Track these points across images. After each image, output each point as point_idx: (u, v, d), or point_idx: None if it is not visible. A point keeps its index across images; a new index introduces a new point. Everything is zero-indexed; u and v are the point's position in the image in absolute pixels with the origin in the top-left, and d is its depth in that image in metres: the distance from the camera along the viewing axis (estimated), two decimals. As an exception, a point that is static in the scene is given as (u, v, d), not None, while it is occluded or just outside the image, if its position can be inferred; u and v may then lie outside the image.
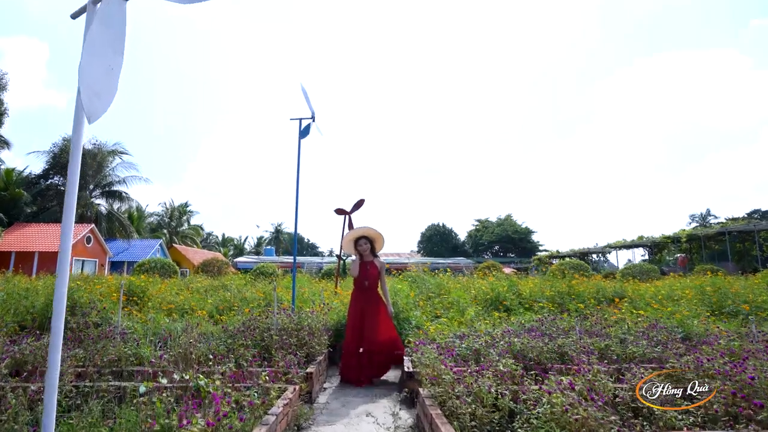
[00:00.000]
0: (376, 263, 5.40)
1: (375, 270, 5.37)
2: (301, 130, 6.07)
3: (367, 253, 5.38)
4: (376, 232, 5.44)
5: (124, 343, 4.69)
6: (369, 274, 5.30)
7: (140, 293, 7.74)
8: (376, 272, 5.37)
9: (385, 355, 5.09)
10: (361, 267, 5.32)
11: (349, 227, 7.13)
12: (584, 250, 39.27)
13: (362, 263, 5.34)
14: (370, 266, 5.35)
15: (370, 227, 5.42)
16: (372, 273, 5.33)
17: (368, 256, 5.40)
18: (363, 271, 5.30)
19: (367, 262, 5.36)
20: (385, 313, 5.30)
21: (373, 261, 5.38)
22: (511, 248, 59.70)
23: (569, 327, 5.60)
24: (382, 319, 5.22)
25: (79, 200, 31.57)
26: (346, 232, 5.46)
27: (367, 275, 5.29)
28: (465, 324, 6.23)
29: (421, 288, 9.13)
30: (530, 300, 8.11)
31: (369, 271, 5.31)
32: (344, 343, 5.18)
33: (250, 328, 5.18)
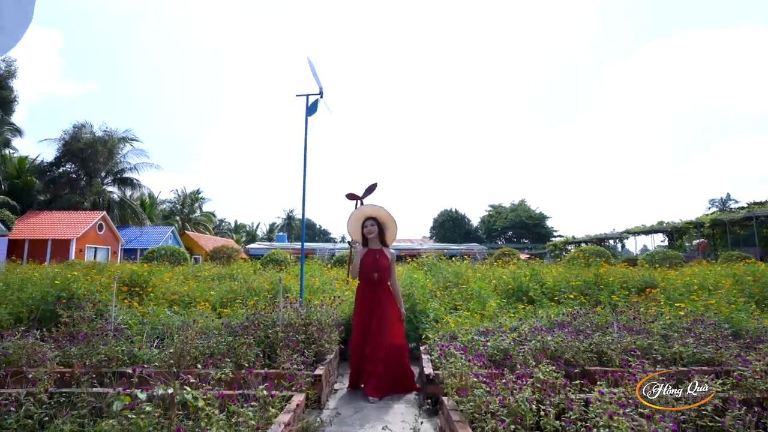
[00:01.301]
0: (386, 253, 4.46)
1: (386, 260, 4.40)
2: (308, 106, 5.55)
3: (374, 237, 4.45)
4: (388, 213, 4.50)
5: (116, 341, 4.30)
6: (379, 264, 4.34)
7: (143, 283, 7.36)
8: (387, 263, 4.40)
9: (396, 370, 4.29)
10: (368, 256, 4.39)
11: None
12: (601, 235, 38.37)
13: (370, 251, 4.42)
14: (379, 255, 4.39)
15: (382, 207, 4.50)
16: (382, 264, 4.36)
17: (375, 242, 4.47)
18: (371, 260, 4.36)
19: (375, 251, 4.42)
20: (397, 316, 4.46)
21: (382, 249, 4.46)
22: (524, 234, 58.87)
23: (604, 322, 5.07)
24: (395, 323, 4.40)
25: (92, 187, 31.59)
26: (352, 211, 4.63)
27: (376, 266, 4.33)
28: (487, 317, 5.74)
29: (437, 277, 8.65)
30: (554, 290, 7.58)
31: (378, 261, 4.35)
32: (353, 346, 4.43)
33: (254, 323, 4.75)
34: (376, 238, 4.46)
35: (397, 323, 4.41)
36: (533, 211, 59.01)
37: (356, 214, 4.59)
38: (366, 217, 4.51)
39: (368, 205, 4.62)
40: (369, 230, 4.44)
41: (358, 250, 4.47)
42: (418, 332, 5.90)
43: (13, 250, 23.17)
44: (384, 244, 4.51)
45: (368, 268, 4.36)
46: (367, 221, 4.46)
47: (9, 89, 29.23)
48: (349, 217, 4.59)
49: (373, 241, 4.46)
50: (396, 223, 4.55)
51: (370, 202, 5.31)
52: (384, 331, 4.24)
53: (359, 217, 4.55)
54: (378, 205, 4.54)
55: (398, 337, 4.37)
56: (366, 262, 4.37)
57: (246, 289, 7.29)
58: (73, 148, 31.14)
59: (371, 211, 4.53)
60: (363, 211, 4.57)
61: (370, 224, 4.44)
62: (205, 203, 53.34)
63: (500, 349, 4.13)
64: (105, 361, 4.09)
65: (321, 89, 5.67)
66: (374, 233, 4.43)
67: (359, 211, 4.59)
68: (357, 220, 4.56)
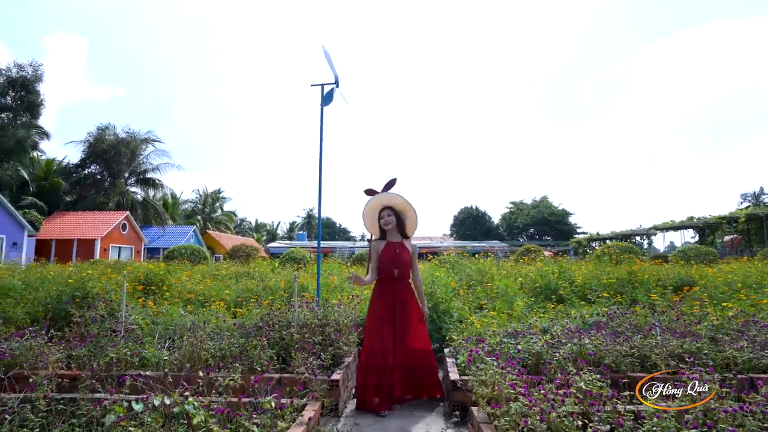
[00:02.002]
0: (407, 245, 4.00)
1: (406, 254, 3.94)
2: (323, 96, 5.29)
3: (392, 229, 3.96)
4: (406, 201, 4.00)
5: (124, 342, 4.12)
6: (399, 258, 3.87)
7: (159, 282, 7.24)
8: (409, 257, 3.95)
9: (420, 374, 3.89)
10: (387, 249, 3.91)
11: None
12: (627, 232, 37.22)
13: (389, 244, 3.94)
14: (399, 248, 3.92)
15: (398, 194, 4.00)
16: (403, 258, 3.89)
17: (394, 235, 3.99)
18: (390, 254, 3.88)
19: (394, 243, 3.95)
20: (419, 317, 4.01)
21: (402, 242, 3.98)
22: (547, 231, 57.76)
23: (644, 323, 4.67)
24: (418, 325, 3.97)
25: (115, 188, 32.15)
26: (367, 202, 4.11)
27: (396, 260, 3.86)
28: (515, 318, 5.39)
29: (460, 274, 8.30)
30: (584, 289, 7.15)
31: (399, 255, 3.88)
32: (363, 356, 3.85)
33: (268, 324, 4.52)
34: (394, 229, 3.97)
35: (420, 325, 3.99)
36: (555, 207, 57.83)
37: (371, 204, 4.08)
38: (382, 206, 4.03)
39: (384, 194, 4.06)
40: (386, 221, 3.95)
41: (374, 243, 4.01)
42: (441, 333, 5.60)
43: (40, 250, 23.70)
44: (404, 236, 4.05)
45: (388, 263, 3.88)
46: (384, 211, 3.99)
47: (36, 93, 29.90)
48: (363, 208, 4.11)
49: (391, 233, 3.99)
50: (416, 212, 4.06)
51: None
52: (407, 334, 3.82)
53: (375, 208, 4.07)
54: (394, 193, 4.04)
55: (422, 340, 3.96)
56: (385, 257, 3.89)
57: (262, 287, 7.09)
58: (98, 149, 31.74)
59: (387, 199, 4.03)
60: (378, 201, 4.05)
61: (387, 214, 3.96)
62: (226, 203, 53.98)
63: (532, 353, 3.80)
64: (113, 364, 3.91)
65: (337, 78, 5.40)
66: (392, 224, 3.95)
67: (374, 200, 4.07)
68: (372, 211, 4.08)
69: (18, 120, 29.52)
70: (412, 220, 4.06)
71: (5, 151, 27.98)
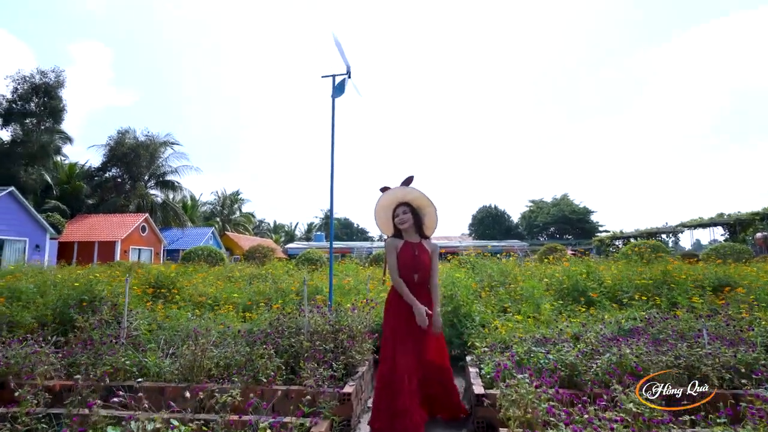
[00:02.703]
0: (426, 246, 3.42)
1: (426, 256, 3.35)
2: (334, 87, 4.98)
3: (409, 228, 3.39)
4: (424, 195, 3.40)
5: (124, 350, 3.88)
6: (419, 261, 3.28)
7: (169, 285, 7.04)
8: (429, 259, 3.35)
9: (437, 394, 3.43)
10: (405, 250, 3.32)
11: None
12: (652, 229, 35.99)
13: (407, 244, 3.36)
14: (419, 250, 3.34)
15: (415, 188, 3.43)
16: (423, 260, 3.30)
17: (412, 234, 3.42)
18: (409, 256, 3.29)
19: (413, 244, 3.36)
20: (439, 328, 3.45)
21: (421, 242, 3.41)
22: (568, 229, 56.55)
23: (687, 329, 4.23)
24: (438, 337, 3.50)
25: (135, 190, 32.54)
26: (379, 197, 3.55)
27: (416, 264, 3.26)
28: (543, 322, 4.98)
29: (481, 275, 7.91)
30: (615, 290, 6.69)
31: (419, 258, 3.29)
32: (379, 375, 3.16)
33: (277, 329, 4.23)
34: (411, 228, 3.40)
35: (440, 337, 3.52)
36: (576, 205, 56.54)
37: (384, 200, 3.50)
38: (397, 202, 3.46)
39: (398, 188, 3.46)
40: (401, 219, 3.37)
41: (390, 240, 3.43)
42: (463, 338, 5.24)
43: (63, 253, 24.05)
44: (423, 236, 3.46)
45: (407, 266, 3.26)
46: (399, 208, 3.43)
47: (58, 99, 30.45)
48: (375, 206, 3.54)
49: (408, 232, 3.42)
50: (436, 208, 3.46)
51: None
52: (426, 348, 3.33)
53: (388, 205, 3.51)
54: (410, 187, 3.44)
55: (442, 355, 3.49)
56: (404, 259, 3.28)
57: (274, 290, 6.84)
58: (118, 153, 32.18)
59: (402, 194, 3.44)
60: (392, 196, 3.47)
61: (403, 212, 3.39)
62: (245, 204, 54.36)
63: (565, 364, 3.41)
64: (111, 373, 3.67)
65: (348, 68, 5.09)
66: (408, 222, 3.37)
67: (387, 196, 3.49)
68: (386, 209, 3.52)
69: (42, 125, 30.13)
70: (432, 218, 3.47)
71: (30, 155, 28.56)
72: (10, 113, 29.04)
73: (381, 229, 3.66)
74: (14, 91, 29.17)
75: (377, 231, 76.87)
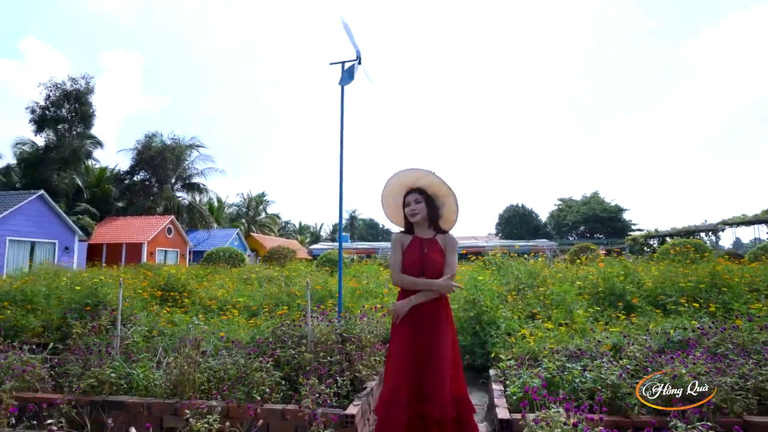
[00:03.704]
0: (440, 241, 2.67)
1: (437, 254, 2.61)
2: (343, 72, 4.59)
3: (421, 220, 2.69)
4: (442, 182, 2.69)
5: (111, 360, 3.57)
6: (427, 261, 2.59)
7: (180, 288, 6.79)
8: (441, 258, 2.61)
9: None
10: (412, 246, 2.66)
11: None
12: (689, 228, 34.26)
13: (415, 240, 2.68)
14: (429, 247, 2.63)
15: (431, 171, 2.70)
16: (432, 260, 2.58)
17: (424, 228, 2.72)
18: (416, 254, 2.62)
19: (423, 240, 2.66)
20: (453, 346, 2.60)
21: (434, 238, 2.67)
22: (598, 228, 54.69)
23: (750, 341, 3.63)
24: (448, 357, 2.50)
25: (162, 193, 33.07)
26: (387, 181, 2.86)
27: (423, 263, 2.58)
28: (577, 331, 4.45)
29: (507, 277, 7.37)
30: (656, 294, 6.06)
31: (427, 257, 2.60)
32: (382, 398, 2.46)
33: (280, 338, 3.86)
34: (424, 221, 2.70)
35: (455, 358, 2.59)
36: (608, 203, 54.59)
37: (392, 184, 2.80)
38: (408, 188, 2.75)
39: (409, 169, 2.75)
40: (412, 209, 2.67)
41: (397, 236, 2.76)
42: (486, 348, 4.76)
43: (92, 254, 24.55)
44: (438, 230, 2.72)
45: (412, 266, 2.59)
46: (410, 195, 2.72)
47: (88, 104, 31.23)
48: (382, 190, 2.86)
49: (420, 225, 2.72)
50: (456, 197, 2.71)
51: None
52: (436, 372, 2.41)
53: (398, 190, 2.80)
54: (424, 169, 2.71)
55: (457, 381, 2.54)
56: (410, 257, 2.62)
57: (286, 293, 6.49)
58: (145, 156, 32.78)
59: (415, 177, 2.72)
60: (401, 180, 2.76)
61: (414, 200, 2.68)
62: (270, 205, 54.74)
63: (606, 384, 2.90)
64: (96, 387, 3.36)
65: (358, 53, 4.69)
66: (421, 214, 2.66)
67: (396, 179, 2.78)
68: (395, 195, 2.82)
69: (73, 131, 30.97)
70: (451, 209, 2.74)
71: (62, 160, 29.35)
72: (44, 119, 29.93)
73: (391, 219, 2.99)
74: (47, 98, 30.07)
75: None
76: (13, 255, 18.04)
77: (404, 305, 2.54)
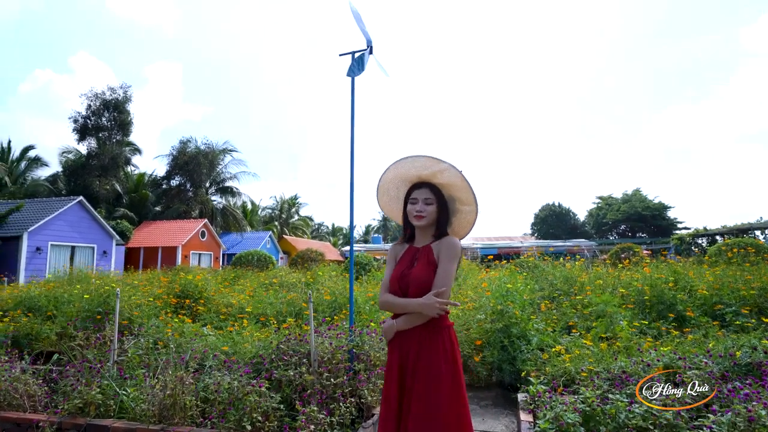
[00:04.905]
0: (434, 248, 2.03)
1: (427, 268, 1.98)
2: (352, 63, 4.21)
3: (426, 226, 2.09)
4: (467, 184, 2.05)
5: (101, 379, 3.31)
6: (410, 275, 1.99)
7: (197, 295, 6.58)
8: (429, 271, 1.96)
9: None
10: (403, 260, 2.10)
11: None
12: (743, 225, 32.05)
13: (409, 252, 2.12)
14: (419, 257, 2.05)
15: (447, 163, 2.03)
16: (418, 274, 1.98)
17: (425, 236, 2.11)
18: (403, 267, 2.06)
19: (418, 251, 2.08)
20: (450, 384, 1.87)
21: (429, 246, 2.06)
22: (641, 227, 52.21)
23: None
24: (447, 401, 1.84)
25: (197, 197, 33.78)
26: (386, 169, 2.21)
27: (404, 278, 2.00)
28: (621, 349, 3.88)
29: (540, 282, 6.79)
30: (713, 303, 5.36)
31: (412, 271, 2.01)
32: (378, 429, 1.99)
33: (282, 355, 3.50)
34: (430, 226, 2.08)
35: (451, 403, 1.84)
36: (650, 200, 52.02)
37: (401, 168, 2.15)
38: (419, 179, 2.12)
39: (431, 158, 2.06)
40: (420, 210, 2.04)
41: (394, 248, 2.21)
42: (515, 365, 4.25)
43: (130, 258, 25.26)
44: (441, 235, 2.06)
45: (393, 283, 2.03)
46: (420, 190, 2.07)
47: (126, 113, 32.28)
48: (384, 173, 2.21)
49: (424, 232, 2.10)
50: (478, 209, 2.08)
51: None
52: (419, 421, 1.82)
53: (407, 177, 2.16)
54: (449, 162, 2.03)
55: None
56: (394, 273, 2.06)
57: (305, 301, 6.16)
58: (180, 161, 33.57)
59: (432, 168, 2.06)
60: (414, 166, 2.10)
61: (425, 199, 2.05)
62: (303, 208, 55.27)
63: (660, 424, 2.38)
64: (82, 408, 3.11)
65: (369, 42, 4.30)
66: (429, 218, 2.04)
67: (407, 163, 2.12)
68: (401, 182, 2.19)
69: (113, 138, 32.07)
70: (467, 222, 2.14)
71: (102, 167, 30.44)
72: (86, 128, 31.14)
73: (386, 212, 2.35)
74: (88, 108, 31.26)
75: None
76: (54, 259, 18.67)
77: (388, 330, 2.00)
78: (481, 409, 3.93)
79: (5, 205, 19.48)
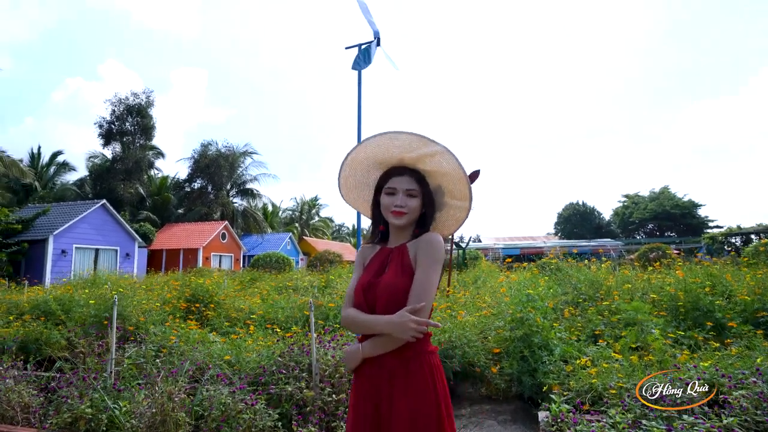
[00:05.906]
0: (410, 248, 1.58)
1: (399, 269, 1.54)
2: (357, 56, 3.99)
3: (405, 224, 1.61)
4: (462, 174, 1.58)
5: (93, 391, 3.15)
6: (378, 284, 1.55)
7: (207, 299, 6.45)
8: (404, 278, 1.51)
9: None
10: (372, 265, 1.65)
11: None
12: (779, 224, 30.60)
13: (381, 254, 1.66)
14: (391, 261, 1.60)
15: (446, 149, 1.54)
16: (387, 282, 1.53)
17: (401, 235, 1.65)
18: (368, 275, 1.61)
19: (389, 252, 1.64)
20: (434, 420, 1.43)
21: (404, 246, 1.60)
22: (669, 226, 50.54)
23: None
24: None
25: (218, 199, 34.16)
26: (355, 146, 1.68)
27: (371, 289, 1.56)
28: (654, 362, 3.53)
29: (564, 286, 6.42)
30: (755, 309, 4.92)
31: (378, 283, 1.55)
32: None
33: (282, 367, 3.28)
34: (411, 224, 1.65)
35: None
36: (679, 198, 50.26)
37: (375, 147, 1.65)
38: (399, 163, 1.66)
39: (398, 132, 1.57)
40: (401, 205, 1.58)
41: (363, 249, 1.76)
42: (536, 377, 3.93)
43: (153, 260, 25.64)
44: (417, 234, 1.63)
45: (357, 295, 1.59)
46: (398, 179, 1.61)
47: (149, 117, 32.92)
48: (351, 152, 1.69)
49: (402, 230, 1.65)
50: (472, 204, 1.63)
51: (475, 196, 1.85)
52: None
53: (384, 160, 1.68)
54: (425, 136, 1.55)
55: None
56: (359, 282, 1.62)
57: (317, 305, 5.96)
58: (201, 164, 34.02)
59: (424, 152, 1.58)
60: (387, 149, 1.64)
61: (406, 191, 1.59)
62: (323, 209, 55.44)
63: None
64: (71, 424, 2.95)
65: (376, 34, 4.13)
66: (411, 215, 1.60)
67: (373, 145, 1.65)
68: (374, 167, 1.72)
69: (136, 142, 32.72)
70: (455, 220, 1.74)
71: (126, 171, 31.08)
72: (110, 133, 31.85)
73: (349, 201, 1.84)
74: (112, 113, 31.97)
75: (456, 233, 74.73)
76: (79, 261, 19.03)
77: (351, 357, 1.54)
78: (500, 425, 3.65)
79: (34, 209, 19.98)
